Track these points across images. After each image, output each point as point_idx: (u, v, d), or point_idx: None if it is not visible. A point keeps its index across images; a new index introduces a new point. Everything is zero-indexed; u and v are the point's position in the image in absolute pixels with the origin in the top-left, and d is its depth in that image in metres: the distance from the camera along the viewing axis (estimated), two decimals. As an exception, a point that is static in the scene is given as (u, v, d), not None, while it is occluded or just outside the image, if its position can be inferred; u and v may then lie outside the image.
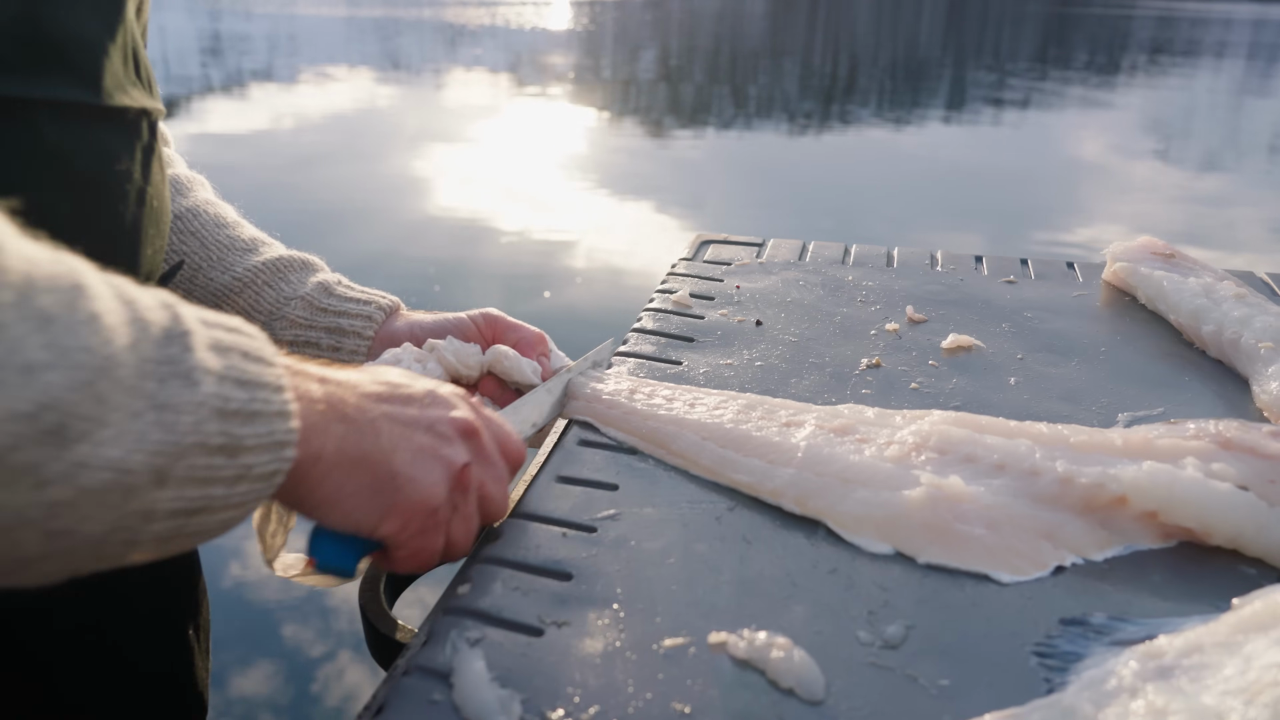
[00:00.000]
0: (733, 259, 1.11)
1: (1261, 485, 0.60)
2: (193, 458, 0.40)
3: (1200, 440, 0.64)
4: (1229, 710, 0.44)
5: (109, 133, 0.56)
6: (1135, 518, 0.61)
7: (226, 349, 0.43)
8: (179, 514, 0.41)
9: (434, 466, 0.54)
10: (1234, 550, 0.60)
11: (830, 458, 0.65)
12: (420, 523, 0.54)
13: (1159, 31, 20.62)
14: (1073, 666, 0.51)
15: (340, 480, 0.50)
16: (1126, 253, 1.02)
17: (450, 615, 0.55)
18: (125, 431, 0.37)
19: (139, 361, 0.38)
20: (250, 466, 0.43)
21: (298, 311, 0.76)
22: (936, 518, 0.59)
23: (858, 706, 0.48)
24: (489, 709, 0.47)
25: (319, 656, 2.02)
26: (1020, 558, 0.58)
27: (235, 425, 0.42)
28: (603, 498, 0.66)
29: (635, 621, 0.54)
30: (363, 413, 0.52)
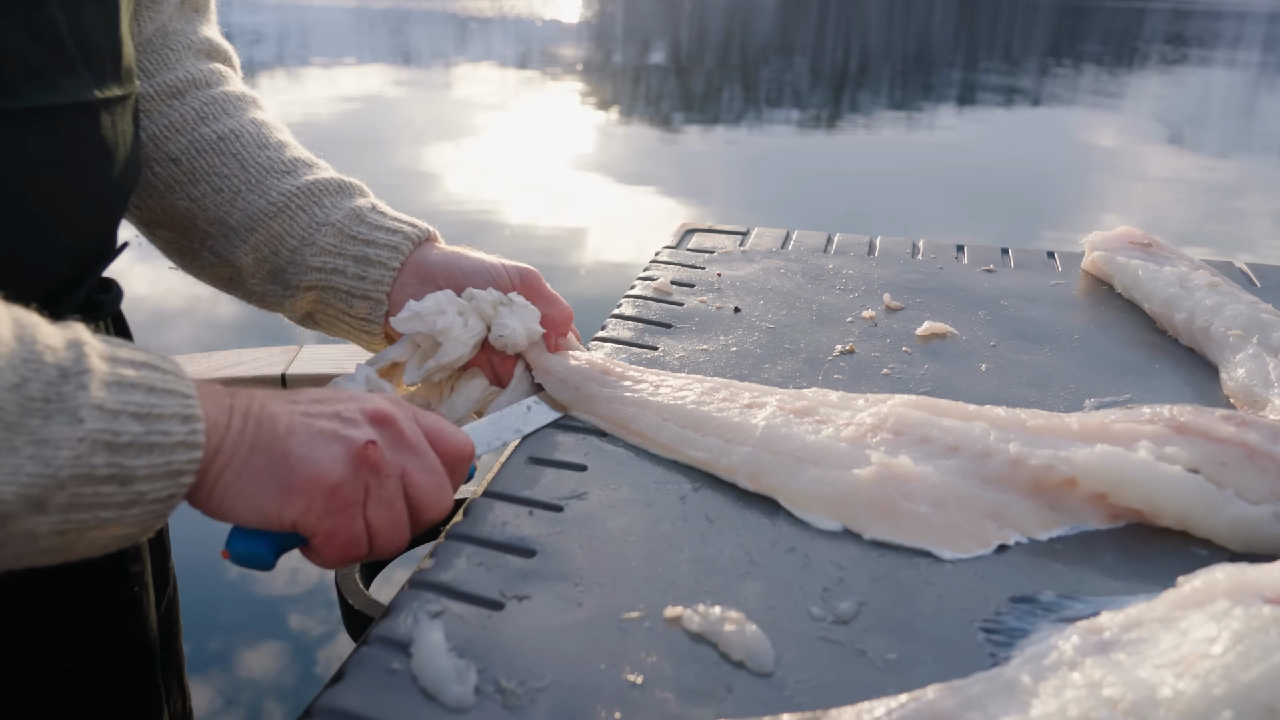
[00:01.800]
0: (716, 247, 1.12)
1: (1213, 468, 0.61)
2: (75, 487, 0.43)
3: (1155, 425, 0.65)
4: (1161, 682, 0.45)
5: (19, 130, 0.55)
6: (1085, 499, 0.62)
7: (130, 385, 0.46)
8: (66, 534, 0.44)
9: (330, 444, 0.54)
10: (1183, 532, 0.61)
11: (787, 437, 0.66)
12: (323, 502, 0.53)
13: (1173, 25, 20.49)
14: (1018, 642, 0.52)
15: (236, 471, 0.51)
16: (1104, 242, 1.03)
17: (413, 588, 0.56)
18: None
19: (22, 401, 0.41)
20: (143, 493, 0.46)
21: (327, 239, 0.75)
22: (884, 496, 0.61)
23: (805, 678, 0.50)
24: (445, 677, 0.49)
25: (302, 633, 2.05)
26: (964, 535, 0.60)
27: (128, 457, 0.45)
28: (571, 478, 0.67)
29: (594, 596, 0.55)
30: (265, 409, 0.54)
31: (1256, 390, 0.76)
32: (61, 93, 0.57)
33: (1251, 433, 0.63)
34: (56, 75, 0.56)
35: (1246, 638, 0.45)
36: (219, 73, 0.78)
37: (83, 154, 0.60)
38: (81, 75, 0.58)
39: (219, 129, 0.75)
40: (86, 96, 0.59)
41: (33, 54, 0.55)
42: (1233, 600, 0.48)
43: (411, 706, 0.48)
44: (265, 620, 2.06)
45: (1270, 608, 0.46)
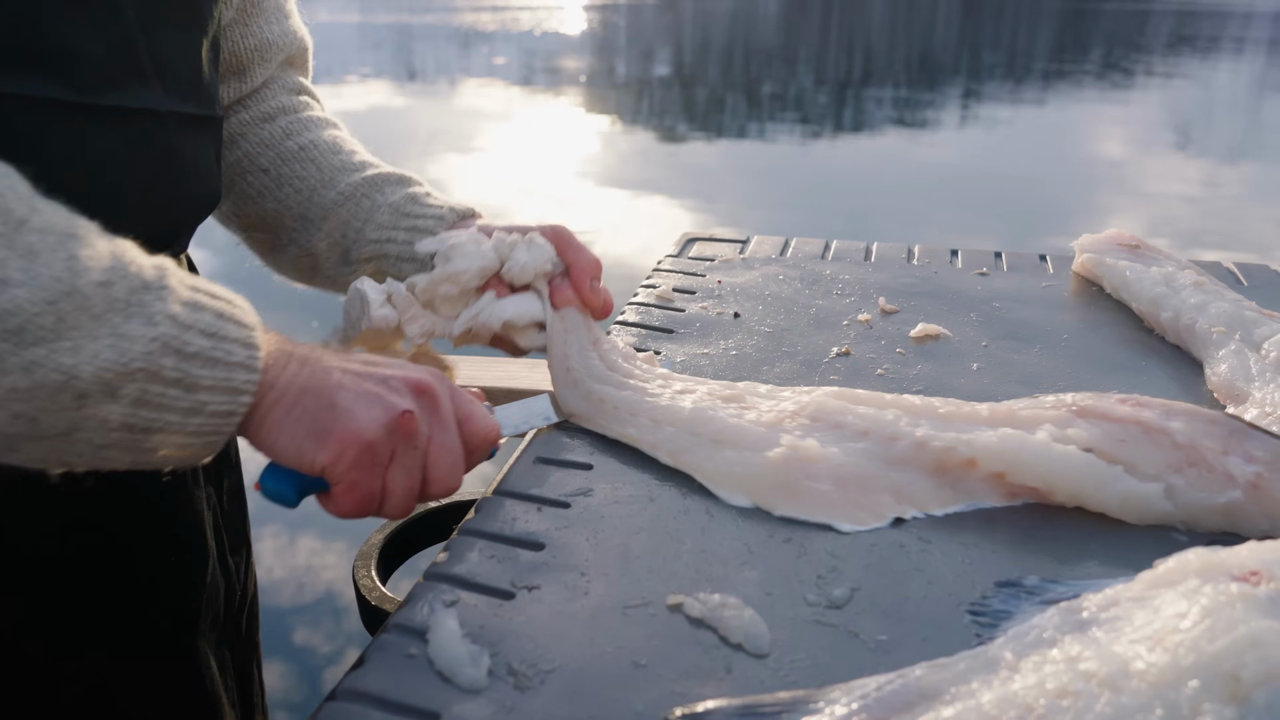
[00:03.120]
0: (717, 255, 1.15)
1: (1112, 445, 0.65)
2: (144, 382, 0.50)
3: (1058, 410, 0.69)
4: (1135, 656, 0.47)
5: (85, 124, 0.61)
6: (984, 478, 0.66)
7: (201, 308, 0.53)
8: (135, 429, 0.51)
9: (373, 404, 0.59)
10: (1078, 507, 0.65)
11: (710, 420, 0.70)
12: (354, 456, 0.58)
13: (1178, 26, 20.50)
14: (1002, 624, 0.55)
15: (286, 409, 0.57)
16: (1094, 244, 1.06)
17: (428, 580, 0.59)
18: (80, 346, 0.48)
19: (108, 298, 0.49)
20: (205, 404, 0.53)
21: (384, 216, 0.83)
22: (789, 476, 0.65)
23: (800, 659, 0.52)
24: (460, 662, 0.52)
25: (308, 649, 2.08)
26: (861, 510, 0.65)
27: (194, 365, 0.52)
28: (578, 476, 0.70)
29: (600, 586, 0.58)
30: (321, 361, 0.60)
31: (1239, 384, 0.79)
32: (130, 97, 0.63)
33: (1146, 411, 0.67)
34: (126, 81, 0.63)
35: (1214, 613, 0.48)
36: (305, 102, 0.90)
37: (149, 157, 0.65)
38: (153, 87, 0.64)
39: (300, 141, 0.85)
40: (156, 105, 0.65)
41: (107, 61, 0.61)
42: (1203, 579, 0.51)
43: (429, 689, 0.51)
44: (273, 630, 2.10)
45: (1237, 585, 0.49)
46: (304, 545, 2.43)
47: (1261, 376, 0.78)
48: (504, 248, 0.78)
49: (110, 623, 0.72)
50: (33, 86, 0.58)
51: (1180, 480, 0.64)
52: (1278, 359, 0.79)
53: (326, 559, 2.39)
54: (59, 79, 0.59)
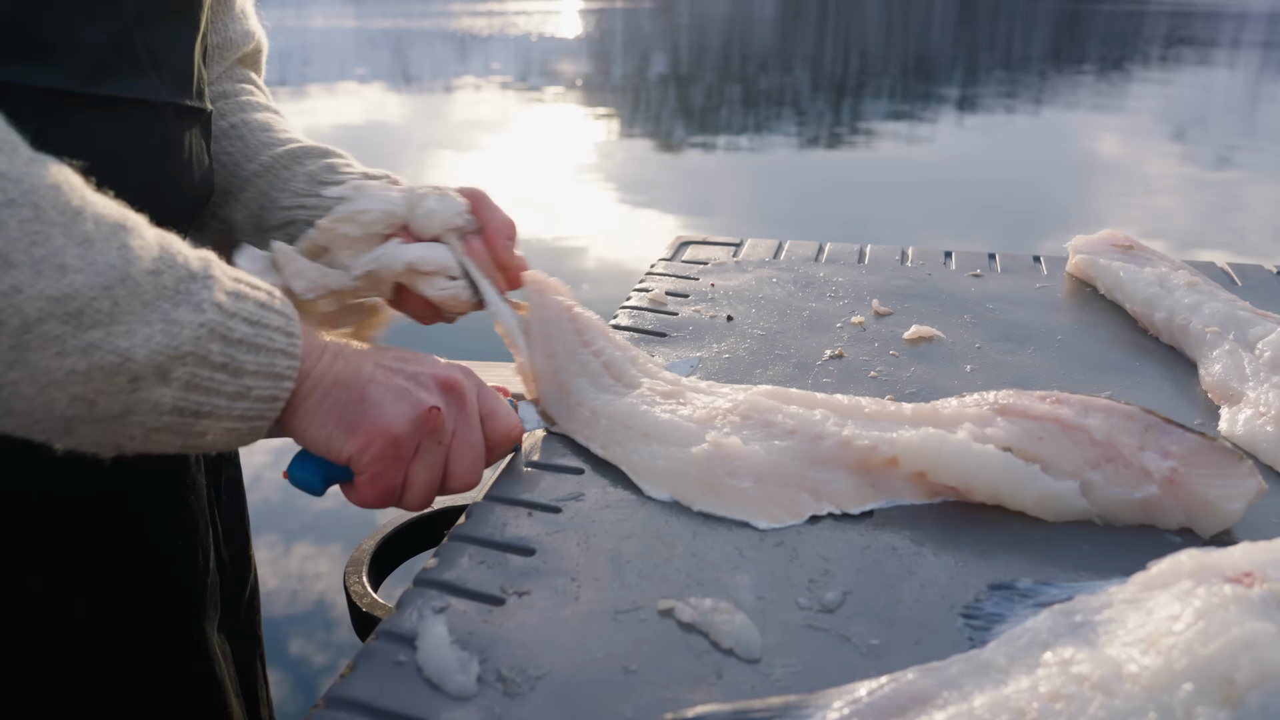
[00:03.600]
0: (710, 259, 1.15)
1: (1030, 442, 0.65)
2: (193, 366, 0.53)
3: (980, 408, 0.69)
4: (1128, 659, 0.47)
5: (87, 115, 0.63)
6: (906, 477, 0.66)
7: (244, 297, 0.56)
8: (185, 413, 0.54)
9: (402, 400, 0.61)
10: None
11: (643, 414, 0.72)
12: (380, 448, 0.60)
13: (1173, 28, 20.54)
14: (995, 627, 0.55)
15: (319, 398, 0.60)
16: (1087, 245, 1.06)
17: (418, 586, 0.59)
18: (134, 330, 0.50)
19: (158, 286, 0.52)
20: (250, 389, 0.56)
21: (300, 184, 0.82)
22: (710, 472, 0.66)
23: (791, 663, 0.52)
24: (449, 668, 0.52)
25: (303, 659, 2.08)
26: (778, 507, 0.65)
27: (239, 351, 0.55)
28: (569, 481, 0.70)
29: (590, 591, 0.58)
30: (355, 354, 0.62)
31: (1233, 384, 0.78)
32: (129, 88, 0.64)
33: (1064, 408, 0.68)
34: (125, 73, 0.64)
35: (1207, 615, 0.47)
36: (246, 89, 0.90)
37: (148, 147, 0.67)
38: (151, 79, 0.66)
39: (231, 120, 0.86)
40: (153, 96, 0.66)
41: (106, 53, 0.63)
42: (1196, 580, 0.51)
43: (417, 696, 0.50)
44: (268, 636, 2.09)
45: (1230, 586, 0.49)
46: (298, 552, 2.43)
47: (1256, 376, 0.78)
48: (414, 198, 0.76)
49: (119, 604, 0.73)
50: (35, 76, 0.59)
51: (1098, 476, 0.64)
52: (1272, 359, 0.79)
53: (320, 565, 2.38)
54: (60, 69, 0.61)
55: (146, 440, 0.54)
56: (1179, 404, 0.80)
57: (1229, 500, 0.63)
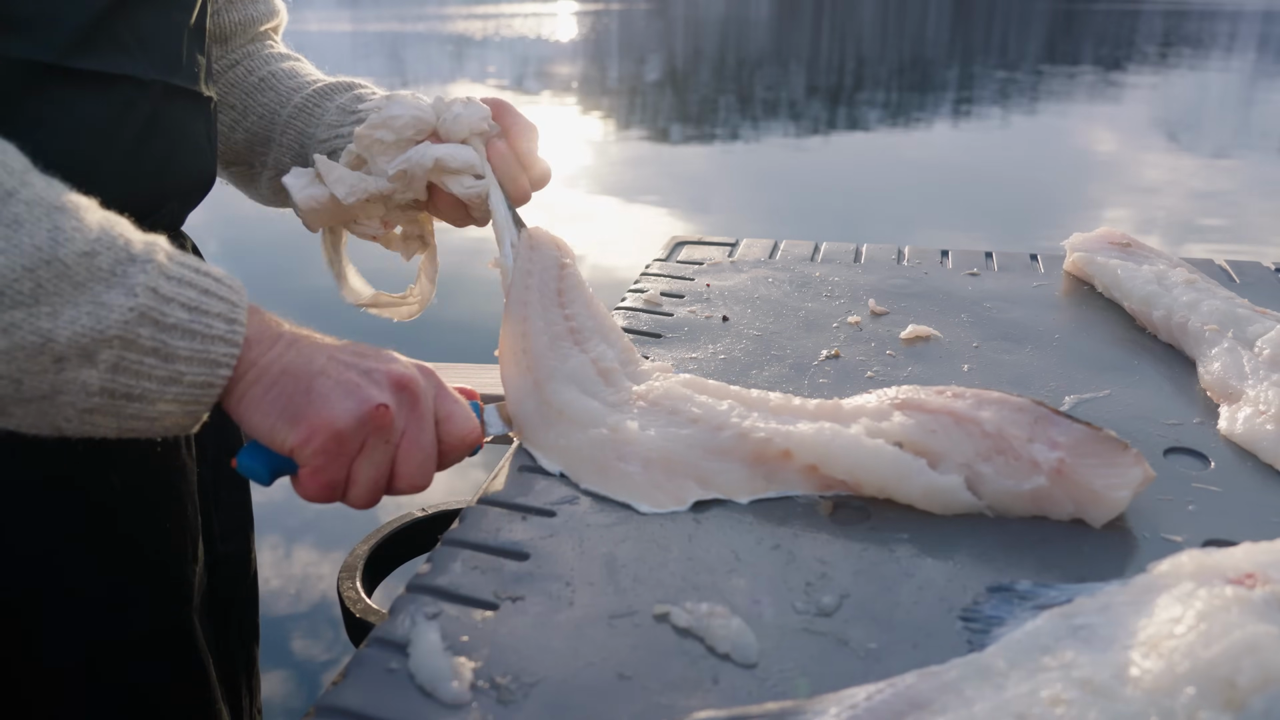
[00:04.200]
0: (705, 259, 1.14)
1: (923, 435, 0.66)
2: (121, 349, 0.53)
3: (880, 403, 0.70)
4: (1129, 662, 0.46)
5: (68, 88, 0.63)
6: (799, 470, 0.67)
7: (187, 283, 0.55)
8: (114, 395, 0.54)
9: (349, 395, 0.60)
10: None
11: (566, 397, 0.73)
12: (322, 442, 0.59)
13: (1169, 26, 20.55)
14: (995, 630, 0.54)
15: (265, 387, 0.59)
16: (1085, 243, 1.05)
17: (411, 592, 0.58)
18: (58, 312, 0.50)
19: (91, 268, 0.51)
20: (182, 374, 0.55)
21: (332, 116, 0.86)
22: (601, 455, 0.69)
23: (788, 668, 0.51)
24: (441, 675, 0.51)
25: (307, 659, 2.07)
26: (663, 493, 0.66)
27: (172, 337, 0.54)
28: (562, 485, 0.69)
29: (585, 596, 0.57)
30: (310, 345, 0.61)
31: (1232, 382, 0.78)
32: (111, 63, 0.65)
33: (959, 401, 0.68)
34: (106, 49, 0.65)
35: (1209, 617, 0.47)
36: (268, 45, 0.95)
37: (132, 123, 0.67)
38: (135, 56, 0.66)
39: (261, 74, 0.90)
40: (138, 73, 0.67)
41: (87, 28, 0.63)
42: (1197, 582, 0.50)
43: (409, 704, 0.50)
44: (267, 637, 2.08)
45: (1232, 588, 0.48)
46: (299, 556, 2.42)
47: (1255, 374, 0.77)
48: (441, 105, 0.80)
49: (104, 585, 0.74)
50: (12, 48, 0.60)
51: (988, 468, 0.65)
52: (1271, 356, 0.79)
53: (322, 569, 2.37)
54: (38, 42, 0.61)
55: (81, 422, 0.54)
56: (1178, 402, 0.79)
57: (1115, 489, 0.63)
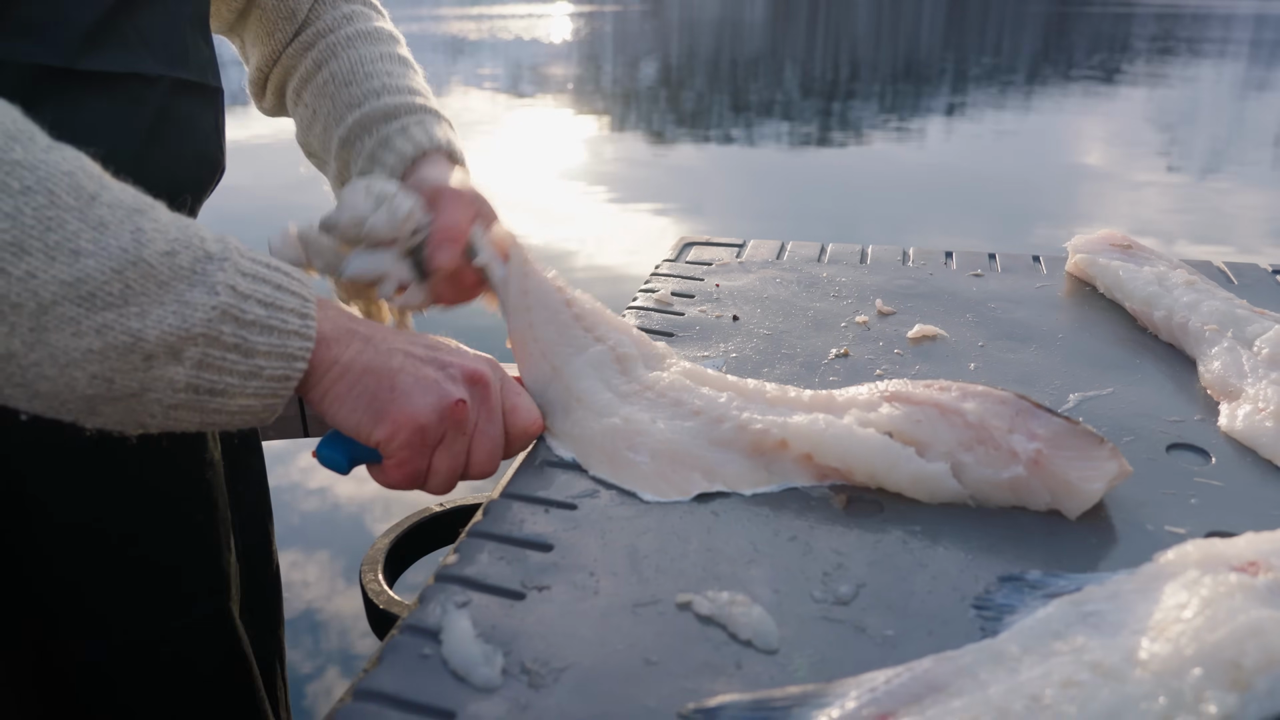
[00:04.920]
0: (714, 259, 1.16)
1: (910, 425, 0.68)
2: (204, 346, 0.55)
3: (871, 395, 0.73)
4: (1138, 646, 0.48)
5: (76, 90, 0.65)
6: (795, 459, 0.69)
7: (261, 279, 0.58)
8: (199, 390, 0.56)
9: (429, 392, 0.64)
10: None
11: (585, 385, 0.76)
12: (407, 436, 0.63)
13: (1160, 29, 20.62)
14: (1006, 617, 0.56)
15: (349, 384, 0.62)
16: (1086, 245, 1.07)
17: (439, 582, 0.60)
18: (146, 311, 0.52)
19: (173, 267, 0.54)
20: (262, 368, 0.58)
21: (362, 165, 0.86)
22: (611, 444, 0.71)
23: (809, 654, 0.53)
24: (474, 661, 0.53)
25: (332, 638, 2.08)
26: (667, 484, 0.69)
27: (251, 332, 0.57)
28: (583, 478, 0.71)
29: (609, 585, 0.59)
30: (385, 342, 0.65)
31: (1231, 380, 0.80)
32: (118, 62, 0.66)
33: (944, 394, 0.71)
34: (112, 48, 0.66)
35: (1214, 603, 0.49)
36: (344, 16, 0.91)
37: (141, 119, 0.69)
38: (140, 54, 0.68)
39: (326, 73, 0.89)
40: (145, 70, 0.68)
41: (92, 29, 0.65)
42: (1202, 570, 0.52)
43: (444, 687, 0.51)
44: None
45: (1236, 575, 0.50)
46: (285, 559, 2.43)
47: (1254, 373, 0.80)
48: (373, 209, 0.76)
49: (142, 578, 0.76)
50: (22, 53, 0.61)
51: (969, 457, 0.67)
52: (1269, 355, 0.81)
53: (307, 572, 2.39)
54: (47, 46, 0.63)
55: (166, 418, 0.57)
56: (1179, 400, 0.81)
57: (1089, 481, 0.65)
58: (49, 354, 0.51)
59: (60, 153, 0.52)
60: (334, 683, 2.02)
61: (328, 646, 2.13)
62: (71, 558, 0.72)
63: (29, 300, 0.49)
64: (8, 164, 0.49)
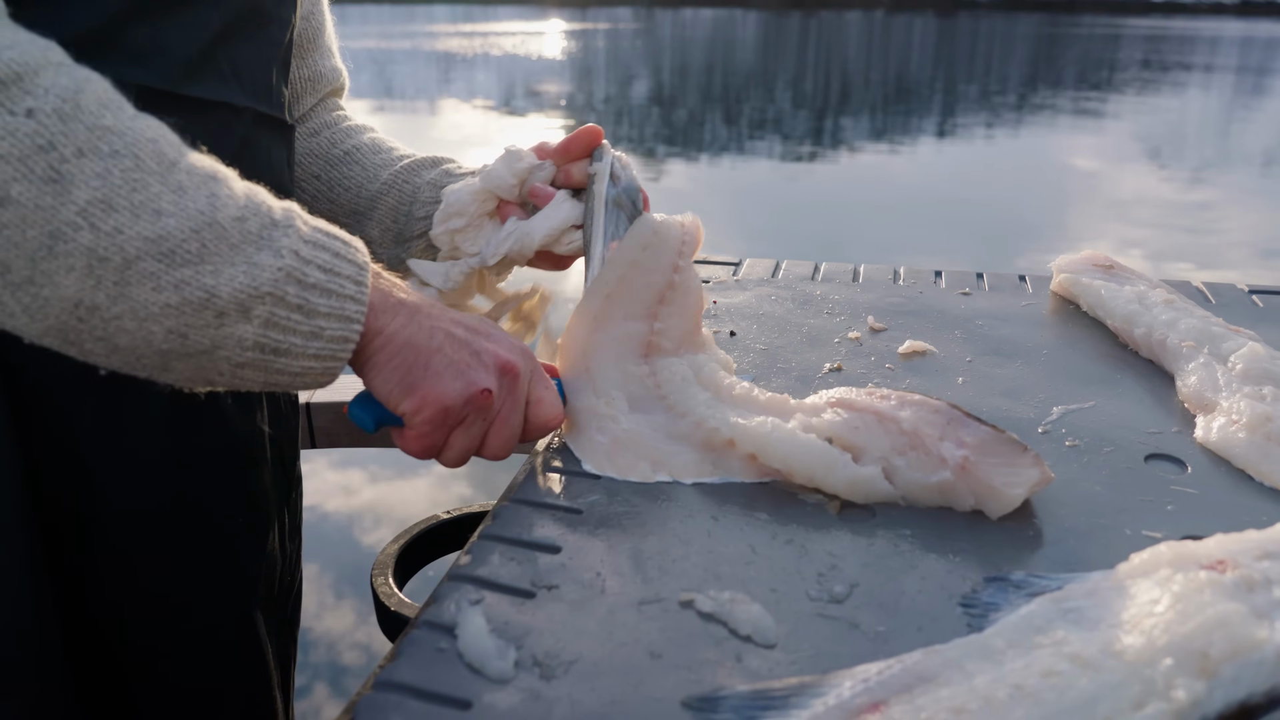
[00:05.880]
0: (710, 277, 1.19)
1: (848, 431, 0.73)
2: (271, 305, 0.58)
3: (818, 401, 0.78)
4: (1114, 638, 0.52)
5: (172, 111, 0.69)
6: (741, 458, 0.74)
7: (321, 246, 0.61)
8: (265, 349, 0.59)
9: (460, 376, 0.68)
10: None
11: (597, 360, 0.81)
12: (431, 413, 0.67)
13: (1148, 50, 20.81)
14: (992, 615, 0.59)
15: (389, 354, 0.66)
16: (1070, 265, 1.11)
17: (453, 581, 0.63)
18: (220, 270, 0.56)
19: (243, 231, 0.57)
20: (322, 329, 0.61)
21: (426, 194, 0.93)
22: (584, 423, 0.79)
23: (805, 648, 0.56)
24: (488, 654, 0.56)
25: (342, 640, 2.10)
26: (614, 466, 0.76)
27: (312, 295, 0.60)
28: (589, 484, 0.74)
29: (615, 585, 0.62)
30: (430, 319, 0.68)
31: (1207, 394, 0.83)
32: (211, 91, 0.71)
33: (884, 402, 0.75)
34: (207, 77, 0.71)
35: (1184, 598, 0.52)
36: (344, 116, 1.02)
37: (227, 146, 0.72)
38: (231, 86, 0.72)
39: (344, 148, 0.97)
40: (234, 100, 0.73)
41: (192, 59, 0.69)
42: (1174, 568, 0.55)
43: (460, 679, 0.54)
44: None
45: (1205, 572, 0.54)
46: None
47: (1229, 387, 0.83)
48: (483, 170, 0.87)
49: (179, 577, 0.78)
50: (134, 75, 0.65)
51: (902, 462, 0.71)
52: (1244, 371, 0.84)
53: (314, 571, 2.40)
54: (153, 71, 0.67)
55: (234, 376, 0.60)
56: (1157, 413, 0.85)
57: (1012, 487, 0.69)
58: (130, 307, 0.54)
59: (145, 121, 0.56)
60: (323, 701, 2.03)
61: (316, 659, 2.15)
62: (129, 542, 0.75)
63: (115, 254, 0.53)
64: (99, 129, 0.53)
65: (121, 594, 0.75)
